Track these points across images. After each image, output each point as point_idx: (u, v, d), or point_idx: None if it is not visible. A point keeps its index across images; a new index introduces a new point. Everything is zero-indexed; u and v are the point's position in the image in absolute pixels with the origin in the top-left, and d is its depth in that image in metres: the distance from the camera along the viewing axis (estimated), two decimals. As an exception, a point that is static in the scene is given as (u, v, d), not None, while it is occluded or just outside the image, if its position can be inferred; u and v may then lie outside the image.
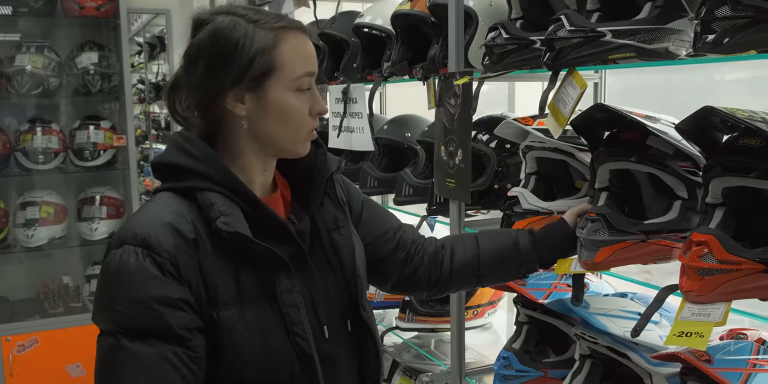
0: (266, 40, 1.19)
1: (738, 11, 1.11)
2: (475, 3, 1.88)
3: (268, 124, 1.22)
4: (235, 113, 1.21)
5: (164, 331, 1.10)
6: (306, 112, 1.23)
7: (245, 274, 1.17)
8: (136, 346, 1.08)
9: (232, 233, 1.14)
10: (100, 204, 3.76)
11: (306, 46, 1.24)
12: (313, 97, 1.25)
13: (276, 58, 1.19)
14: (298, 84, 1.21)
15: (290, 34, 1.21)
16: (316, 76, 1.27)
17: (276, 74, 1.19)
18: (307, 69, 1.22)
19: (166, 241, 1.12)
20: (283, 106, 1.21)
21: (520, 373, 1.75)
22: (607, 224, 1.38)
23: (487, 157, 1.94)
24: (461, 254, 1.52)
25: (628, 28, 1.37)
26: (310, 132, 1.26)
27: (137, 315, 1.09)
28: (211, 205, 1.16)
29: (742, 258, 1.14)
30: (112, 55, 3.77)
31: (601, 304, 1.58)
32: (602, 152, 1.46)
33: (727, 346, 1.29)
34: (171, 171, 1.22)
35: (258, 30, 1.19)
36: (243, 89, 1.20)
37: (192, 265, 1.13)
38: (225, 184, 1.19)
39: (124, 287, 1.11)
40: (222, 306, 1.15)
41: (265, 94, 1.20)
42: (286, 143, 1.25)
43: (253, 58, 1.18)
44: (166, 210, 1.17)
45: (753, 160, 1.17)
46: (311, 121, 1.25)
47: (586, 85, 1.41)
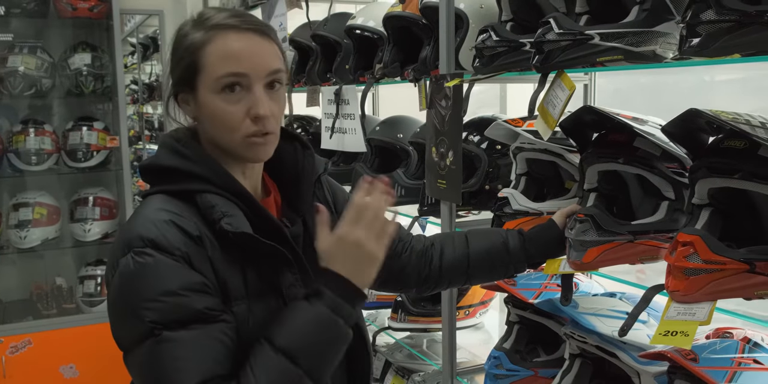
0: (196, 39, 1.18)
1: (722, 15, 1.13)
2: (465, 5, 1.89)
3: (207, 127, 1.22)
4: (188, 115, 1.23)
5: (200, 313, 1.09)
6: (238, 114, 1.18)
7: (251, 271, 1.18)
8: (179, 333, 1.07)
9: (237, 233, 1.14)
10: (94, 205, 3.76)
11: (234, 44, 1.17)
12: (251, 99, 1.18)
13: (200, 59, 1.17)
14: (221, 84, 1.16)
15: (220, 34, 1.17)
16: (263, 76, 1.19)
17: (200, 75, 1.18)
18: (230, 69, 1.16)
19: (174, 239, 1.12)
20: (210, 108, 1.18)
21: (511, 373, 1.77)
22: (595, 225, 1.39)
23: (478, 158, 1.96)
24: (451, 253, 1.53)
25: (616, 31, 1.39)
26: (249, 136, 1.19)
27: (171, 306, 1.08)
28: (213, 207, 1.16)
29: (726, 258, 1.15)
30: (105, 56, 3.77)
31: (590, 304, 1.60)
32: (590, 154, 1.48)
33: (713, 344, 1.31)
34: (165, 174, 1.21)
35: (195, 29, 1.19)
36: (184, 90, 1.21)
37: (204, 261, 1.13)
38: (222, 185, 1.19)
39: (148, 285, 1.09)
40: (233, 301, 1.16)
41: (197, 95, 1.19)
42: (228, 147, 1.21)
43: (181, 58, 1.18)
44: (165, 210, 1.16)
45: (737, 162, 1.18)
46: (248, 124, 1.18)
47: (574, 87, 1.42)
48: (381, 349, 2.53)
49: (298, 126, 3.15)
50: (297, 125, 3.15)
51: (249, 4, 3.30)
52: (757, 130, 1.15)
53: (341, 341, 1.13)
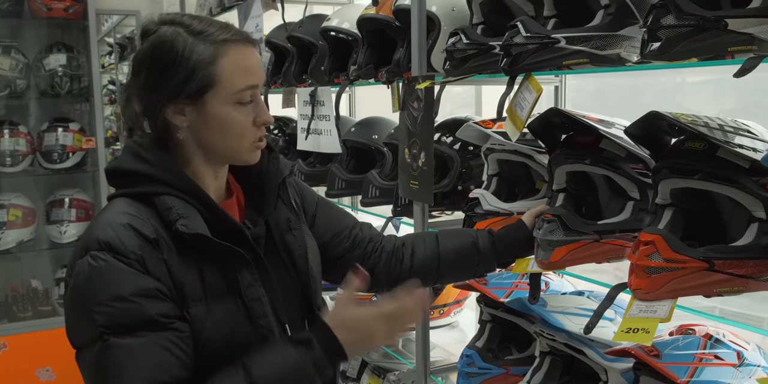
0: (206, 54, 1.19)
1: (682, 20, 1.16)
2: (437, 8, 1.91)
3: (209, 135, 1.23)
4: (176, 124, 1.23)
5: (150, 320, 1.11)
6: (249, 123, 1.24)
7: (209, 272, 1.20)
8: (126, 340, 1.09)
9: (192, 234, 1.17)
10: (70, 207, 3.74)
11: (248, 58, 1.23)
12: (257, 108, 1.25)
13: (215, 73, 1.19)
14: (239, 98, 1.22)
15: (231, 48, 1.21)
16: (262, 85, 1.27)
17: (215, 88, 1.20)
18: (249, 82, 1.22)
19: (129, 242, 1.14)
20: (223, 119, 1.22)
21: (483, 371, 1.79)
22: (562, 225, 1.42)
23: (450, 159, 1.98)
24: (422, 252, 1.55)
25: (582, 34, 1.42)
26: (255, 141, 1.26)
27: (120, 312, 1.10)
28: (170, 209, 1.18)
29: (686, 257, 1.19)
30: (81, 57, 3.75)
31: (558, 303, 1.62)
32: (558, 155, 1.51)
33: (676, 341, 1.34)
34: (127, 177, 1.23)
35: (198, 43, 1.19)
36: (182, 102, 1.21)
37: (159, 264, 1.15)
38: (181, 188, 1.21)
39: (99, 289, 1.11)
40: (190, 303, 1.17)
41: (205, 107, 1.21)
42: (231, 153, 1.26)
43: (191, 72, 1.18)
44: (125, 214, 1.18)
45: (697, 163, 1.22)
46: (255, 131, 1.25)
47: (541, 90, 1.45)
48: (357, 348, 2.54)
49: (275, 127, 3.16)
50: (274, 127, 3.15)
51: (225, 5, 3.30)
52: (715, 132, 1.18)
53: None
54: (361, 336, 1.19)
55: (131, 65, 1.27)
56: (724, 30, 1.13)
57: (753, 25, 1.12)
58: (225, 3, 3.30)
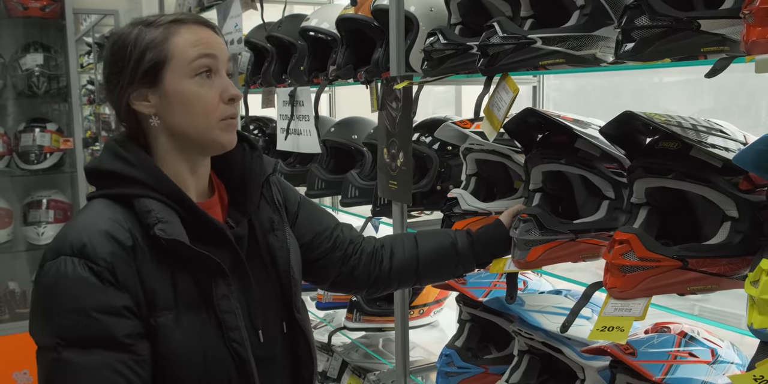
0: (155, 36, 1.19)
1: (655, 21, 1.17)
2: (416, 8, 1.91)
3: (176, 116, 1.21)
4: (144, 112, 1.22)
5: (107, 339, 1.10)
6: (214, 98, 1.21)
7: (183, 280, 1.18)
8: (80, 356, 1.08)
9: (170, 240, 1.15)
10: (47, 208, 3.71)
11: (199, 33, 1.22)
12: (222, 82, 1.22)
13: (167, 50, 1.19)
14: (195, 67, 1.19)
15: (182, 27, 1.21)
16: (226, 61, 1.24)
17: (169, 64, 1.19)
18: (202, 51, 1.20)
19: (102, 249, 1.12)
20: (184, 94, 1.20)
21: (462, 370, 1.80)
22: (538, 224, 1.43)
23: (429, 158, 1.98)
24: (401, 254, 1.55)
25: (558, 35, 1.43)
26: (225, 119, 1.23)
27: (78, 325, 1.08)
28: (149, 212, 1.16)
29: (660, 255, 1.20)
30: (58, 56, 3.71)
31: (536, 302, 1.63)
32: (534, 154, 1.52)
33: (651, 339, 1.35)
34: (106, 177, 1.22)
35: (148, 30, 1.21)
36: (143, 87, 1.20)
37: (130, 272, 1.13)
38: (161, 190, 1.19)
39: (62, 298, 1.10)
40: (160, 312, 1.15)
41: (164, 87, 1.20)
42: (200, 133, 1.22)
43: (142, 54, 1.18)
44: (102, 217, 1.16)
45: (671, 162, 1.23)
46: (223, 107, 1.22)
47: (518, 90, 1.46)
48: (337, 349, 2.54)
49: (254, 127, 3.15)
50: (254, 127, 3.14)
51: (204, 4, 3.29)
52: (688, 132, 1.19)
53: None
54: None
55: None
56: (697, 31, 1.14)
57: (725, 26, 1.13)
58: (204, 2, 3.28)
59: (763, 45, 0.96)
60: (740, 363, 1.35)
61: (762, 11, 0.96)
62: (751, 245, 1.17)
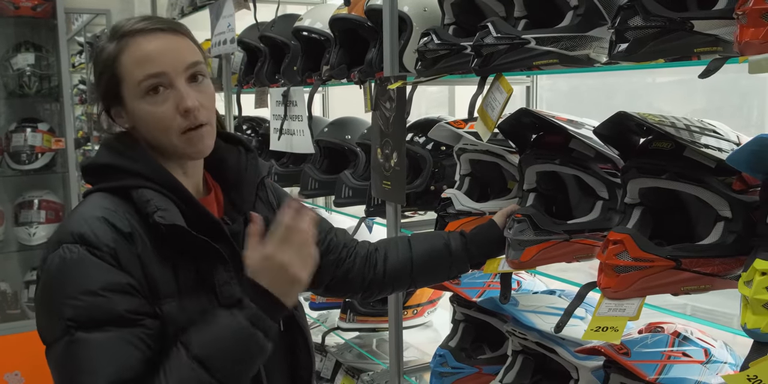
0: (110, 53, 1.21)
1: (649, 21, 1.17)
2: (409, 8, 1.91)
3: (144, 133, 1.24)
4: (123, 126, 1.25)
5: (117, 316, 1.10)
6: (168, 112, 1.20)
7: (184, 268, 1.19)
8: (93, 335, 1.08)
9: (169, 226, 1.15)
10: (39, 208, 3.69)
11: (145, 47, 1.20)
12: (176, 96, 1.20)
13: (117, 71, 1.20)
14: (143, 89, 1.19)
15: (131, 41, 1.20)
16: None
17: (123, 86, 1.21)
18: (147, 71, 1.19)
19: (103, 235, 1.13)
20: (141, 115, 1.21)
21: (456, 370, 1.80)
22: (532, 224, 1.43)
23: (423, 159, 1.98)
24: (395, 257, 1.55)
25: (551, 35, 1.43)
26: (185, 131, 1.21)
27: (89, 305, 1.09)
28: (148, 201, 1.17)
29: (654, 255, 1.20)
30: (50, 56, 3.70)
31: (530, 302, 1.63)
32: (529, 155, 1.52)
33: (645, 339, 1.36)
34: (104, 172, 1.23)
35: (108, 44, 1.22)
36: (114, 105, 1.23)
37: (132, 258, 1.14)
38: (159, 181, 1.20)
39: (70, 282, 1.10)
40: (163, 300, 1.16)
41: (126, 106, 1.22)
42: (169, 148, 1.23)
43: (100, 75, 1.22)
44: (98, 207, 1.17)
45: (664, 163, 1.23)
46: (179, 119, 1.20)
47: (512, 90, 1.46)
48: (331, 349, 2.54)
49: (247, 127, 3.14)
50: (246, 127, 3.14)
51: (197, 4, 3.28)
52: (681, 133, 1.20)
53: (258, 354, 1.15)
54: (278, 277, 1.16)
55: None
56: (690, 31, 1.15)
57: (718, 26, 1.14)
58: (197, 2, 3.27)
59: (756, 46, 0.97)
60: (733, 363, 1.36)
61: (755, 12, 0.96)
62: (745, 245, 1.17)
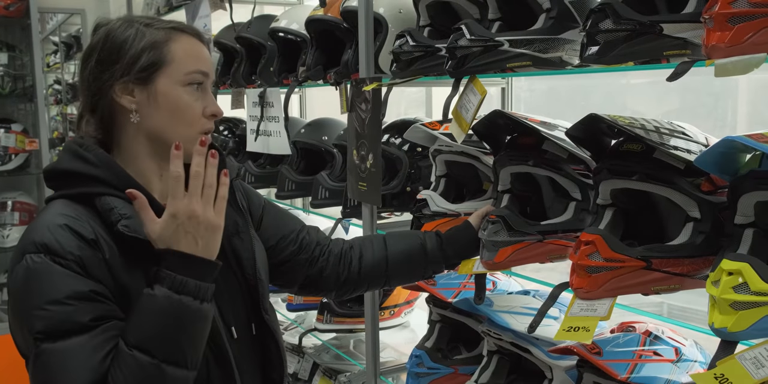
0: (157, 37, 1.22)
1: (619, 24, 1.19)
2: (385, 10, 1.92)
3: (158, 118, 1.22)
4: (125, 106, 1.22)
5: (84, 325, 1.09)
6: (198, 110, 1.24)
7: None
8: (62, 344, 1.07)
9: (133, 237, 1.14)
10: (12, 210, 3.65)
11: (199, 48, 1.26)
12: (207, 98, 1.26)
13: (167, 53, 1.22)
14: (190, 79, 1.23)
15: (183, 35, 1.25)
16: (213, 80, 1.29)
17: (166, 68, 1.22)
18: (200, 67, 1.24)
19: (67, 243, 1.11)
20: (174, 99, 1.22)
21: (432, 371, 1.80)
22: (506, 225, 1.44)
23: (399, 160, 1.99)
24: (370, 256, 1.55)
25: (524, 37, 1.44)
26: (203, 133, 1.25)
27: (56, 315, 1.08)
28: (111, 209, 1.16)
29: (625, 256, 1.21)
30: (24, 56, 3.66)
31: (504, 302, 1.64)
32: (503, 156, 1.53)
33: (617, 338, 1.37)
34: (66, 178, 1.21)
35: (149, 29, 1.23)
36: (132, 82, 1.21)
37: (99, 264, 1.13)
38: (123, 187, 1.18)
39: (35, 293, 1.09)
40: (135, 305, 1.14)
41: (154, 86, 1.21)
42: (176, 140, 1.20)
43: (142, 51, 1.21)
44: (60, 215, 1.16)
45: (635, 164, 1.24)
46: (204, 121, 1.25)
47: (485, 92, 1.47)
48: (308, 350, 2.53)
49: (224, 128, 3.12)
50: (223, 127, 3.12)
51: (173, 4, 3.26)
52: (651, 134, 1.21)
53: (196, 318, 1.11)
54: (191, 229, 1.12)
55: (81, 58, 1.27)
56: (660, 34, 1.17)
57: (687, 29, 1.16)
58: (173, 2, 3.25)
59: (722, 49, 0.98)
60: (703, 361, 1.38)
61: (721, 16, 0.98)
62: (713, 245, 1.19)
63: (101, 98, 1.23)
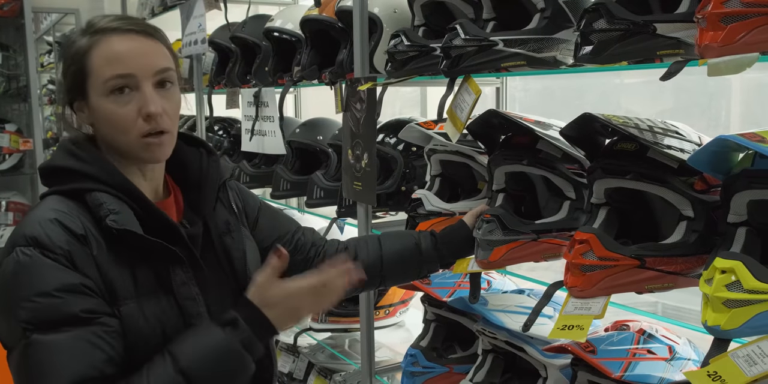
0: (81, 47, 1.20)
1: (613, 24, 1.19)
2: (380, 10, 1.92)
3: (103, 131, 1.23)
4: (83, 122, 1.24)
5: (73, 317, 1.09)
6: (130, 114, 1.19)
7: (141, 270, 1.19)
8: (50, 336, 1.08)
9: (121, 230, 1.15)
10: (6, 210, 3.65)
11: (117, 46, 1.19)
12: (141, 99, 1.19)
13: (86, 65, 1.19)
14: (109, 87, 1.18)
15: (104, 38, 1.20)
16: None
17: (89, 81, 1.20)
18: (115, 71, 1.18)
19: (57, 237, 1.12)
20: (102, 111, 1.20)
21: (427, 370, 1.80)
22: (500, 224, 1.44)
23: (394, 159, 1.99)
24: (365, 256, 1.55)
25: (519, 37, 1.45)
26: (145, 136, 1.21)
27: (44, 307, 1.08)
28: (100, 205, 1.17)
29: (619, 255, 1.22)
30: (18, 56, 3.65)
31: (499, 301, 1.65)
32: (497, 156, 1.53)
33: (611, 337, 1.38)
34: (59, 174, 1.22)
35: (80, 38, 1.22)
36: (76, 99, 1.23)
37: (88, 260, 1.14)
38: (113, 184, 1.20)
39: (24, 285, 1.10)
40: (122, 301, 1.16)
41: (89, 101, 1.21)
42: (126, 148, 1.22)
43: (68, 67, 1.21)
44: (51, 210, 1.17)
45: (629, 163, 1.25)
46: (141, 124, 1.20)
47: (480, 92, 1.47)
48: (303, 350, 2.53)
49: (219, 128, 3.13)
50: (218, 127, 3.12)
51: (167, 4, 3.26)
52: (645, 134, 1.22)
53: (242, 374, 1.16)
54: (287, 311, 1.18)
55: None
56: (653, 34, 1.17)
57: (680, 29, 1.16)
58: (167, 2, 3.25)
59: (715, 49, 0.99)
60: (697, 359, 1.38)
61: (714, 16, 0.98)
62: (706, 244, 1.19)
63: (71, 116, 1.26)
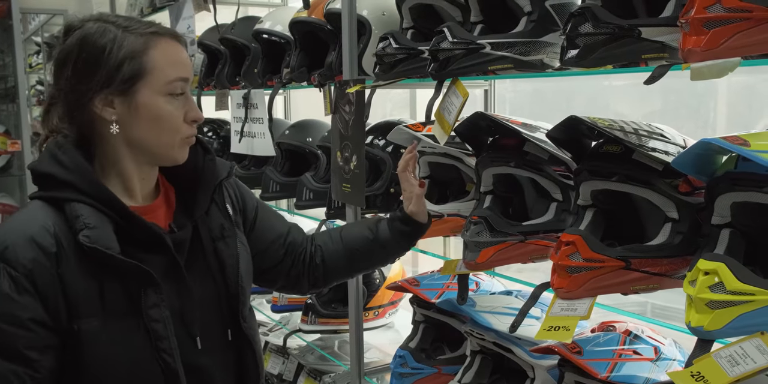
0: (136, 45, 1.18)
1: (599, 28, 1.20)
2: (368, 12, 1.93)
3: (140, 128, 1.21)
4: (105, 118, 1.19)
5: (7, 350, 1.09)
6: (180, 117, 1.23)
7: (110, 287, 1.16)
8: None
9: (92, 248, 1.13)
10: (-6, 211, 3.63)
11: (178, 52, 1.24)
12: (188, 104, 1.24)
13: (146, 62, 1.18)
14: (170, 88, 1.20)
15: (161, 40, 1.21)
16: (193, 83, 1.28)
17: (146, 78, 1.19)
18: (180, 74, 1.22)
19: (24, 255, 1.11)
20: (155, 110, 1.20)
21: (415, 371, 1.81)
22: (488, 226, 1.45)
23: (383, 161, 2.00)
24: (331, 249, 1.56)
25: (506, 40, 1.46)
26: (186, 138, 1.25)
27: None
28: (77, 217, 1.15)
29: (605, 256, 1.23)
30: (6, 57, 3.63)
31: (487, 302, 1.66)
32: (485, 157, 1.54)
33: (597, 338, 1.39)
34: (42, 180, 1.20)
35: (127, 35, 1.19)
36: (112, 93, 1.18)
37: (50, 279, 1.12)
38: (94, 195, 1.17)
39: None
40: (83, 318, 1.14)
41: (135, 98, 1.19)
42: (161, 148, 1.23)
43: (122, 61, 1.17)
44: (32, 221, 1.15)
45: (614, 166, 1.26)
46: (186, 127, 1.24)
47: (467, 94, 1.48)
48: (293, 351, 2.53)
49: (209, 130, 3.12)
50: (208, 129, 3.12)
51: (157, 5, 3.25)
52: (630, 136, 1.23)
53: None
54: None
55: (54, 63, 1.24)
56: (638, 38, 1.18)
57: (665, 33, 1.17)
58: (156, 3, 3.24)
59: (698, 53, 1.00)
60: (682, 360, 1.39)
61: (697, 21, 0.99)
62: (691, 245, 1.21)
63: (79, 109, 1.20)
